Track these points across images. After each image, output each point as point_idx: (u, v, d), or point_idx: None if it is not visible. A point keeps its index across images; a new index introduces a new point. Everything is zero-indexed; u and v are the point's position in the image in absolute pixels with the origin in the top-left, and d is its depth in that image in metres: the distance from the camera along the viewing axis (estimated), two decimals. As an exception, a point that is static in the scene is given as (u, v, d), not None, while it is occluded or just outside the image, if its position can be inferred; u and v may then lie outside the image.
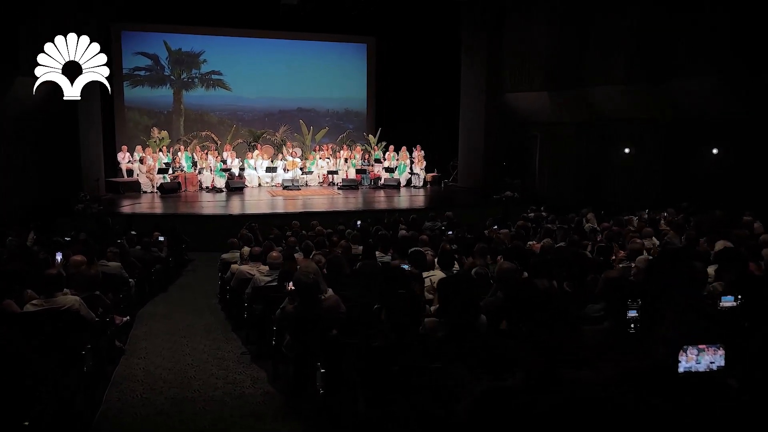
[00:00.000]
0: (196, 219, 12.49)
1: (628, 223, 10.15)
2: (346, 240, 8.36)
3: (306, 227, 10.62)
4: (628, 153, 14.45)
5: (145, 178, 15.74)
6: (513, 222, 11.25)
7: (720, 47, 11.56)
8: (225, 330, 6.34)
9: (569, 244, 6.89)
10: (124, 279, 6.61)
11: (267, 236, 9.72)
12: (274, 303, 4.67)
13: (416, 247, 7.89)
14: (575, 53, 14.40)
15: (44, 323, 3.88)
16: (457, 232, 9.61)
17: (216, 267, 8.60)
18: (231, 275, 6.58)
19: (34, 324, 3.87)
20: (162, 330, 6.35)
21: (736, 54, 11.27)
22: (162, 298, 8.16)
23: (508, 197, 15.15)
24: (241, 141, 18.47)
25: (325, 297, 3.86)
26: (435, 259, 5.90)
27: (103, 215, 11.34)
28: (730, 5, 11.47)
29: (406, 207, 14.50)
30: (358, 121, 20.38)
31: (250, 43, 19.08)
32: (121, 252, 7.54)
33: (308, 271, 3.75)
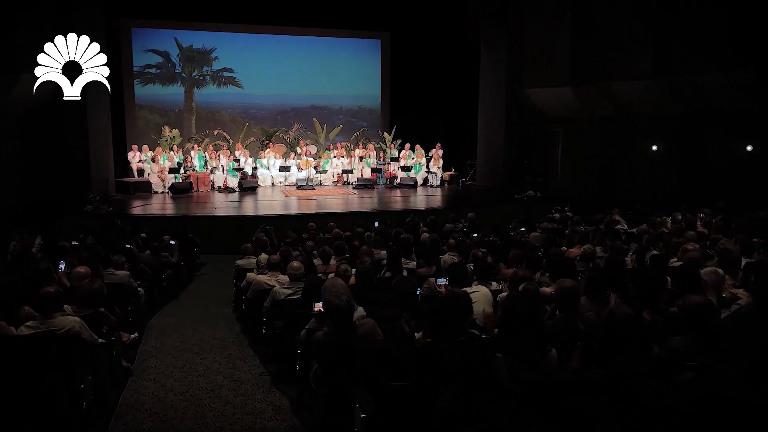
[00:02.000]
0: (209, 220, 12.08)
1: (661, 224, 9.59)
2: (368, 245, 7.86)
3: (322, 229, 10.19)
4: (656, 149, 13.86)
5: (156, 177, 15.36)
6: (536, 223, 10.80)
7: (749, 40, 10.94)
8: (241, 345, 5.86)
9: (611, 251, 6.34)
10: (133, 289, 6.17)
11: (283, 240, 9.33)
12: (297, 321, 4.20)
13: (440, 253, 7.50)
14: (598, 46, 13.79)
15: (40, 348, 3.42)
16: (483, 235, 9.09)
17: (229, 270, 8.17)
18: (247, 285, 6.10)
19: (29, 349, 3.41)
20: (173, 345, 5.88)
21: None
22: (173, 306, 7.71)
23: (530, 197, 14.59)
24: (254, 139, 18.06)
25: (360, 322, 3.37)
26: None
27: (112, 217, 10.95)
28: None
29: (424, 207, 14.01)
30: (372, 118, 19.92)
31: (262, 39, 18.67)
32: (129, 258, 7.12)
33: (339, 291, 3.26)
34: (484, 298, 4.16)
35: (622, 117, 14.34)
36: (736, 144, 12.38)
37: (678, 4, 12.09)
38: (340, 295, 3.21)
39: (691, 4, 11.82)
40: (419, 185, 16.96)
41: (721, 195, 11.80)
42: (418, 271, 6.51)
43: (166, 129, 16.90)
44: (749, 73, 11.10)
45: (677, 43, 12.24)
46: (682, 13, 12.08)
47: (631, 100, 13.64)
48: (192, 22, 17.49)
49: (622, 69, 13.32)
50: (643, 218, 10.15)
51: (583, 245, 7.59)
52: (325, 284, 3.70)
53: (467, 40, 17.13)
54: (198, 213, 12.71)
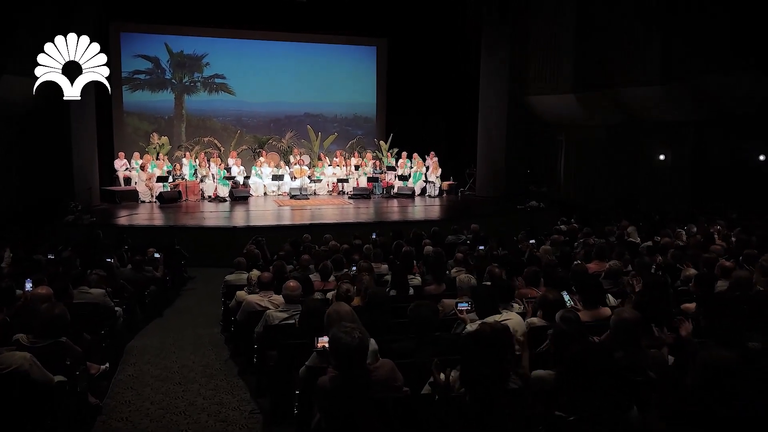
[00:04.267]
0: (198, 231, 11.49)
1: (677, 237, 9.06)
2: (367, 259, 7.26)
3: (318, 241, 9.61)
4: (664, 157, 13.37)
5: (144, 186, 14.70)
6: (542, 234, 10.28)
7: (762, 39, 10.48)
8: (229, 374, 5.19)
9: (639, 267, 5.77)
10: (109, 309, 5.52)
11: (276, 252, 8.72)
12: (295, 351, 3.58)
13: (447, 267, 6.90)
14: (603, 50, 13.31)
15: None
16: (491, 248, 8.51)
17: (219, 285, 7.54)
18: (237, 305, 5.47)
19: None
20: (152, 373, 5.21)
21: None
22: (156, 325, 7.07)
23: (534, 207, 14.04)
24: (246, 147, 17.45)
25: (375, 365, 2.74)
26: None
27: (94, 227, 10.30)
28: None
29: (422, 218, 13.48)
30: (367, 127, 19.38)
31: (255, 45, 18.12)
32: (109, 275, 6.49)
33: (350, 326, 2.62)
34: (519, 329, 3.55)
35: (629, 123, 13.87)
36: (749, 151, 11.91)
37: (689, 4, 11.62)
38: (351, 331, 2.58)
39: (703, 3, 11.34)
40: (417, 195, 16.40)
41: (733, 204, 11.33)
42: (425, 289, 5.91)
43: (154, 136, 16.28)
44: (758, 73, 10.63)
45: (687, 45, 11.76)
46: (693, 13, 11.60)
47: (638, 105, 13.17)
48: (183, 26, 16.90)
49: (628, 73, 12.84)
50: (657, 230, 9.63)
51: (602, 260, 7.05)
52: (329, 312, 3.09)
53: (467, 45, 16.65)
54: (186, 223, 12.14)
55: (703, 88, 11.66)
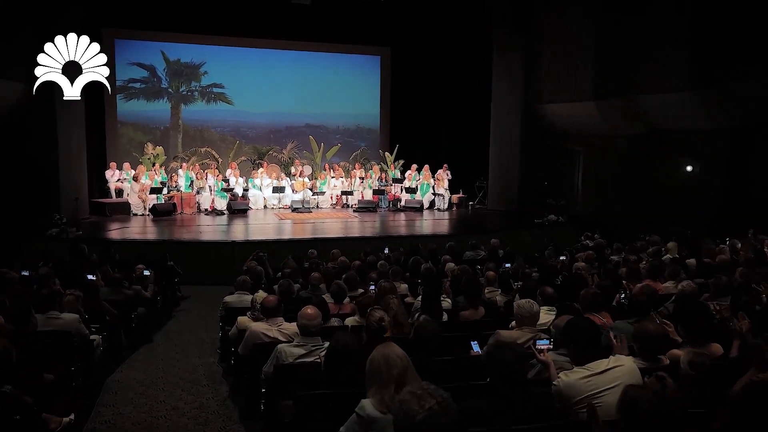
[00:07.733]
0: (193, 246, 10.62)
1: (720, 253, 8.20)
2: (387, 277, 6.35)
3: (324, 256, 8.75)
4: (691, 169, 12.55)
5: (136, 198, 13.81)
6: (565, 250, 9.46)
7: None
8: (228, 420, 4.23)
9: (716, 289, 4.88)
10: (83, 337, 4.60)
11: (281, 269, 7.85)
12: (319, 404, 2.66)
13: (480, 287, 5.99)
14: (627, 54, 12.56)
15: None
16: (519, 266, 7.62)
17: (216, 305, 6.67)
18: (238, 333, 4.55)
19: None
20: (133, 419, 4.25)
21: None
22: (143, 354, 6.13)
23: (552, 221, 13.19)
24: (245, 158, 16.61)
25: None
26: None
27: (78, 242, 9.38)
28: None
29: (433, 233, 12.65)
30: (370, 138, 18.60)
31: (254, 53, 17.39)
32: (87, 295, 5.58)
33: (423, 392, 1.63)
34: (634, 380, 2.60)
35: (652, 133, 13.08)
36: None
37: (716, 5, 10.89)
38: (422, 398, 1.59)
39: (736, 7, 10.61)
40: (425, 208, 15.53)
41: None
42: (461, 314, 5.01)
43: (149, 146, 15.44)
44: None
45: (716, 49, 11.01)
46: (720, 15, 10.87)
47: (663, 113, 12.39)
48: (180, 33, 16.19)
49: (654, 80, 12.07)
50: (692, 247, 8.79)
51: (655, 280, 6.18)
52: (376, 359, 2.12)
53: (478, 50, 15.92)
54: (181, 237, 11.26)
55: (739, 95, 10.91)
